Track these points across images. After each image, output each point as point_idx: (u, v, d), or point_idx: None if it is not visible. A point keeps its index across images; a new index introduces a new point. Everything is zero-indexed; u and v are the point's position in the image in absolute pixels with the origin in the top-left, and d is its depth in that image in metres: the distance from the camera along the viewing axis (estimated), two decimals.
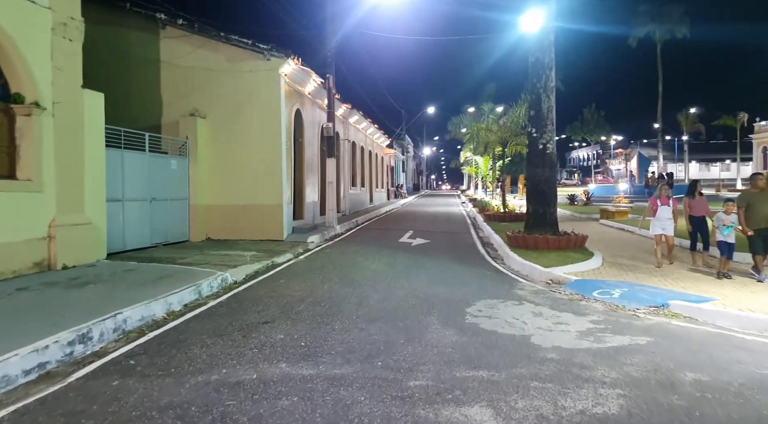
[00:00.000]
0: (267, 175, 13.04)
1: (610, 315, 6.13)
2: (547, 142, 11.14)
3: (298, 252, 11.38)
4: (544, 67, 11.08)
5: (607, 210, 18.43)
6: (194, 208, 12.83)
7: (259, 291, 7.45)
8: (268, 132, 13.03)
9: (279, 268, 9.49)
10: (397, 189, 43.75)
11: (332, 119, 15.98)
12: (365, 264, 9.77)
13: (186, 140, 12.72)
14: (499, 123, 19.99)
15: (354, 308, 6.35)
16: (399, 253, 11.29)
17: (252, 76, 13.00)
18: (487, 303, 6.65)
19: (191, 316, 6.13)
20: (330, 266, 9.56)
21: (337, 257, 10.73)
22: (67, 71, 8.43)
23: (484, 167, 32.64)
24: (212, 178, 13.18)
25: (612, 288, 7.32)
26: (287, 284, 7.99)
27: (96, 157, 9.15)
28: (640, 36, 45.45)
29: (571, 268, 8.81)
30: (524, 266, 9.22)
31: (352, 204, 22.98)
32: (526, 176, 11.91)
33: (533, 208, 11.43)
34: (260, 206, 13.06)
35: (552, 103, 11.18)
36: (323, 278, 8.41)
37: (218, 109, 13.14)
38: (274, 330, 5.41)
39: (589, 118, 70.38)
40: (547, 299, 6.96)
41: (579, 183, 70.51)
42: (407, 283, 7.97)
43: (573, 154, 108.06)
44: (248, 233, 13.03)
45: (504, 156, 21.44)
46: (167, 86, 13.26)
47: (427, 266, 9.62)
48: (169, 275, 7.84)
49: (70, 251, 8.32)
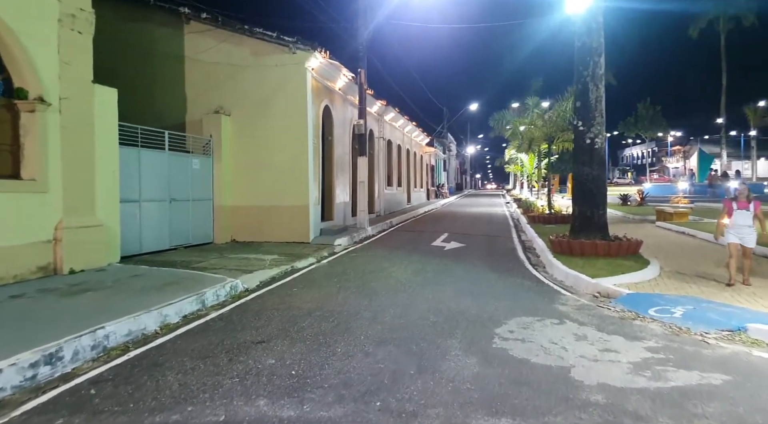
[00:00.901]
0: (293, 174, 12.44)
1: (671, 340, 5.08)
2: (595, 136, 9.99)
3: (322, 256, 10.70)
4: (591, 52, 9.93)
5: (664, 211, 16.87)
6: (218, 209, 12.38)
7: (267, 302, 6.77)
8: (294, 129, 12.42)
9: (297, 274, 8.82)
10: (438, 189, 42.63)
11: (364, 116, 15.25)
12: (390, 271, 8.96)
13: (210, 138, 12.28)
14: (544, 118, 18.69)
15: (365, 325, 5.55)
16: (429, 258, 10.41)
17: (277, 71, 12.44)
18: (521, 322, 5.72)
19: (184, 331, 5.50)
20: (351, 273, 8.80)
21: (361, 263, 9.97)
22: (76, 65, 8.03)
23: (529, 165, 31.17)
24: (237, 177, 12.70)
25: (673, 305, 6.21)
26: (300, 293, 7.28)
27: (108, 155, 8.74)
28: (702, 25, 42.45)
29: (623, 279, 7.71)
30: (568, 276, 8.18)
31: (388, 204, 22.20)
32: (572, 174, 10.78)
33: (579, 210, 10.29)
34: (286, 207, 12.47)
35: (601, 93, 10.02)
36: (340, 286, 7.66)
37: (243, 106, 12.65)
38: (266, 352, 4.68)
39: (643, 113, 66.95)
40: (594, 317, 5.95)
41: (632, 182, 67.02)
42: (432, 294, 7.11)
43: (626, 152, 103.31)
44: (274, 235, 12.49)
45: (550, 153, 20.11)
46: (192, 83, 12.89)
47: (458, 274, 8.71)
48: (175, 282, 7.29)
49: (78, 254, 7.91)
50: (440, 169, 48.11)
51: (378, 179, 20.67)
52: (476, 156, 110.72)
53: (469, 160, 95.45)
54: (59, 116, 7.76)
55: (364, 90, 15.33)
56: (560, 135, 18.71)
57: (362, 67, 15.24)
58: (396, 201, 24.19)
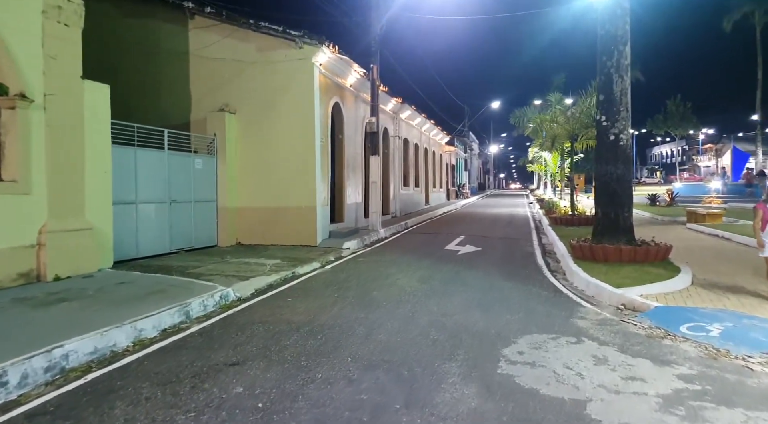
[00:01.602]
0: (299, 175, 11.93)
1: (708, 366, 4.35)
2: (619, 132, 9.19)
3: (327, 260, 10.14)
4: (616, 41, 9.13)
5: (695, 212, 15.84)
6: (223, 210, 11.94)
7: (256, 313, 6.23)
8: (301, 128, 11.90)
9: (297, 281, 8.27)
10: (459, 189, 41.74)
11: (376, 114, 14.66)
12: (396, 278, 8.35)
13: (214, 137, 11.84)
14: (566, 114, 17.80)
15: (356, 344, 4.95)
16: (440, 264, 9.76)
17: (284, 67, 11.93)
18: (533, 340, 5.04)
19: (157, 348, 4.98)
20: (354, 280, 8.22)
21: (367, 268, 9.38)
22: (63, 60, 7.63)
23: (552, 164, 30.15)
24: (243, 178, 12.24)
25: (708, 321, 5.46)
26: (293, 303, 6.72)
27: (100, 155, 8.33)
28: (737, 17, 40.50)
29: (650, 288, 6.94)
30: (589, 284, 7.44)
31: (404, 205, 21.56)
32: (595, 173, 9.98)
33: (603, 212, 9.50)
34: (292, 209, 11.96)
35: (626, 85, 9.22)
36: (338, 296, 7.07)
37: (249, 103, 12.19)
38: (237, 378, 4.12)
39: (673, 110, 64.75)
40: (617, 335, 5.23)
41: (661, 182, 64.89)
42: (437, 306, 6.47)
43: (654, 150, 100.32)
44: (280, 238, 12.00)
45: (573, 152, 19.17)
46: (196, 81, 12.49)
47: (469, 282, 8.04)
48: (162, 290, 6.81)
49: (65, 259, 7.51)
50: (461, 168, 47.20)
51: (393, 179, 20.05)
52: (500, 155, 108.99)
53: (492, 159, 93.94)
54: (44, 113, 7.36)
55: (376, 86, 14.73)
56: (584, 132, 17.79)
57: (375, 62, 14.64)
58: (413, 202, 23.53)
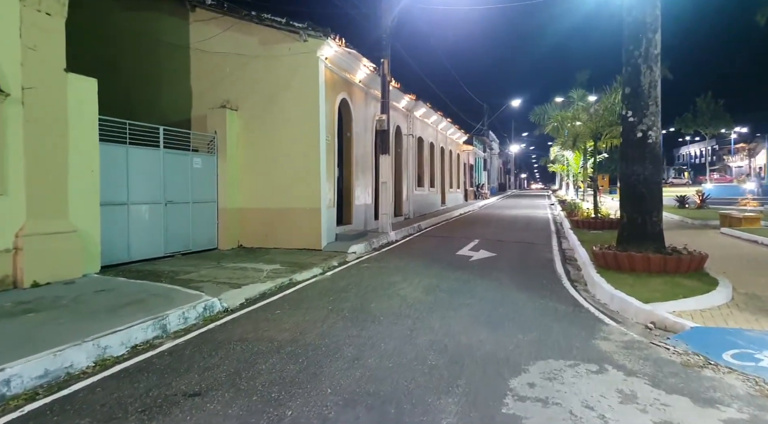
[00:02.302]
0: (303, 175, 11.34)
1: (762, 408, 3.59)
2: (648, 128, 8.35)
3: (330, 266, 9.52)
4: (644, 28, 8.30)
5: (730, 215, 14.79)
6: (223, 212, 11.40)
7: (238, 329, 5.62)
8: (305, 125, 11.31)
9: (292, 289, 7.66)
10: (478, 189, 40.75)
11: (386, 111, 13.99)
12: (399, 287, 7.67)
13: (214, 135, 11.32)
14: (589, 111, 16.87)
15: (340, 370, 4.30)
16: (450, 271, 9.05)
17: (287, 61, 11.36)
18: (547, 368, 4.32)
19: (116, 371, 4.40)
20: (353, 289, 7.56)
21: (370, 275, 8.72)
22: (44, 51, 7.15)
23: (574, 164, 29.09)
24: (245, 178, 11.70)
25: (757, 347, 4.66)
26: (281, 317, 6.09)
27: (86, 153, 7.84)
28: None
29: (684, 304, 6.13)
30: (613, 298, 6.66)
31: (418, 206, 20.83)
32: (620, 174, 9.14)
33: (628, 216, 8.66)
34: (296, 210, 11.38)
35: (655, 77, 8.37)
36: (333, 308, 6.42)
37: (252, 100, 11.65)
38: (192, 414, 3.51)
39: (703, 108, 62.51)
40: (647, 362, 4.48)
41: (690, 182, 62.81)
42: (440, 322, 5.77)
43: (682, 150, 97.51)
44: (284, 241, 11.42)
45: (596, 151, 18.18)
46: (198, 76, 12.01)
47: (479, 293, 7.32)
48: (142, 300, 6.26)
49: (45, 265, 7.03)
50: (480, 168, 46.20)
51: (407, 180, 19.35)
52: (521, 155, 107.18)
53: (513, 159, 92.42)
54: (22, 108, 6.89)
55: (387, 82, 14.06)
56: (608, 130, 16.85)
57: (385, 56, 13.97)
58: (428, 203, 22.78)
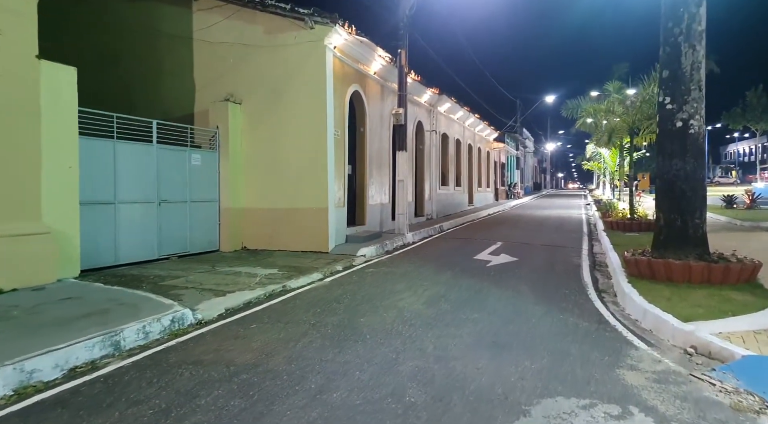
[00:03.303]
0: (310, 172, 10.65)
1: None
2: (689, 117, 7.26)
3: (333, 270, 8.79)
4: (686, 1, 7.22)
5: None
6: (225, 212, 10.82)
7: (199, 348, 4.93)
8: (312, 119, 10.62)
9: (281, 298, 6.94)
10: (510, 188, 39.35)
11: (403, 104, 13.17)
12: (399, 297, 6.85)
13: (216, 130, 10.74)
14: (625, 104, 15.60)
15: (294, 409, 3.53)
16: (462, 278, 8.17)
17: (293, 51, 10.69)
18: (554, 410, 3.44)
19: (30, 404, 3.73)
20: (347, 300, 6.78)
21: (372, 282, 7.93)
22: (12, 36, 6.65)
23: (610, 162, 27.53)
24: (249, 175, 11.10)
25: None
26: (252, 334, 5.36)
27: (62, 148, 7.33)
28: None
29: (733, 324, 5.09)
30: (646, 314, 5.67)
31: (442, 206, 19.89)
32: (656, 169, 8.05)
33: (666, 218, 7.58)
34: (303, 210, 10.70)
35: (699, 58, 7.27)
36: (316, 323, 5.66)
37: (256, 93, 11.04)
38: None
39: (754, 102, 58.91)
40: (685, 403, 3.54)
41: (738, 182, 59.28)
42: (435, 343, 4.93)
43: (729, 148, 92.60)
44: (290, 243, 10.77)
45: (633, 148, 16.79)
46: (201, 68, 11.52)
47: (490, 305, 6.43)
48: (105, 310, 5.65)
49: (12, 269, 6.54)
50: (512, 167, 44.73)
51: (429, 178, 18.46)
52: (558, 154, 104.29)
53: (549, 157, 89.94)
54: None
55: (404, 73, 13.24)
56: (646, 124, 15.55)
57: (402, 47, 13.16)
58: (453, 202, 21.80)
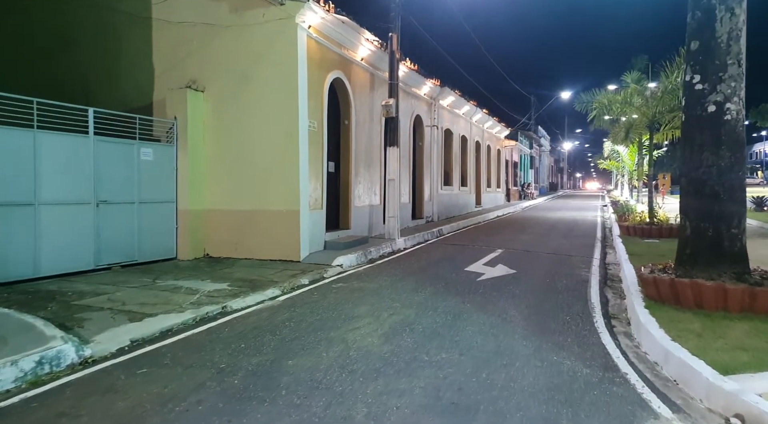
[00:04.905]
0: (279, 169, 9.36)
1: None
2: (725, 100, 5.76)
3: (294, 286, 7.47)
4: None
5: None
6: (185, 214, 9.56)
7: (38, 412, 3.63)
8: (282, 108, 9.32)
9: (210, 325, 5.62)
10: (523, 189, 37.62)
11: (395, 94, 11.81)
12: (354, 326, 5.48)
13: (174, 121, 9.49)
14: (644, 94, 14.00)
15: None
16: (442, 298, 6.77)
17: (262, 31, 9.40)
18: None
19: None
20: (287, 329, 5.43)
21: (330, 304, 6.57)
22: None
23: (628, 161, 25.79)
24: (213, 173, 9.85)
25: None
26: (128, 387, 4.01)
27: None
28: None
29: None
30: (669, 358, 4.23)
31: (444, 208, 18.44)
32: (681, 165, 6.55)
33: (693, 225, 6.07)
34: (271, 213, 9.41)
35: (740, 24, 5.77)
36: (226, 367, 4.31)
37: (221, 79, 9.78)
38: None
39: None
40: None
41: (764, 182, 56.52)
42: (371, 404, 3.55)
43: (755, 147, 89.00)
44: (258, 250, 9.49)
45: (653, 144, 15.11)
46: (161, 53, 10.30)
47: (465, 338, 5.02)
48: None
49: None
50: (526, 166, 42.96)
51: (430, 177, 17.03)
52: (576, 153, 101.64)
53: (566, 157, 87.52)
54: None
55: (396, 60, 11.87)
56: (669, 118, 13.94)
57: (394, 30, 11.79)
58: (457, 204, 20.32)
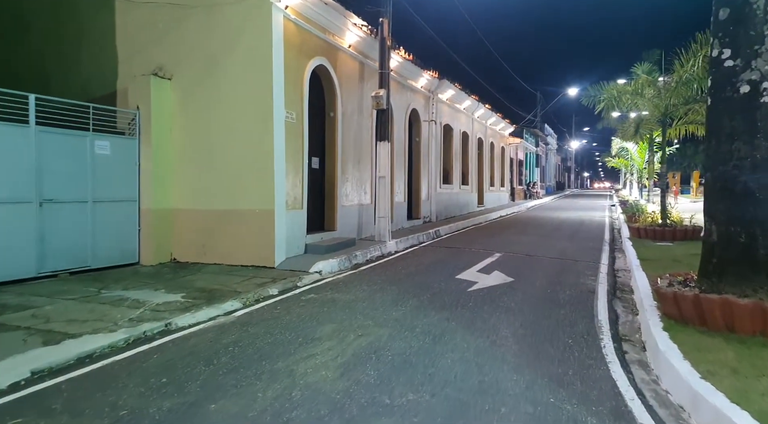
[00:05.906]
0: (253, 164, 8.47)
1: None
2: (762, 78, 4.79)
3: (259, 297, 6.57)
4: None
5: None
6: (148, 214, 8.69)
7: None
8: (255, 97, 8.42)
9: (141, 348, 4.72)
10: (528, 188, 36.50)
11: (386, 84, 10.87)
12: (310, 352, 4.55)
13: (137, 112, 8.61)
14: (656, 85, 12.96)
15: None
16: (424, 314, 5.83)
17: (234, 12, 8.52)
18: None
19: None
20: (227, 356, 4.51)
21: (293, 320, 5.65)
22: None
23: (638, 158, 24.69)
24: (181, 168, 8.99)
25: None
26: None
27: None
28: None
29: None
30: (698, 403, 3.28)
31: (444, 207, 17.47)
32: (705, 159, 5.56)
33: (721, 230, 5.10)
34: (243, 213, 8.53)
35: None
36: (130, 412, 3.40)
37: (190, 66, 8.91)
38: None
39: None
40: None
41: None
42: None
43: None
44: (229, 254, 8.61)
45: (665, 141, 14.03)
46: (125, 37, 9.44)
47: (442, 371, 4.08)
48: None
49: None
50: (532, 164, 41.83)
51: (427, 175, 16.06)
52: (584, 152, 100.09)
53: (573, 155, 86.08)
54: None
55: (387, 47, 10.93)
56: (683, 111, 12.91)
57: (385, 14, 10.86)
58: (458, 203, 19.33)
